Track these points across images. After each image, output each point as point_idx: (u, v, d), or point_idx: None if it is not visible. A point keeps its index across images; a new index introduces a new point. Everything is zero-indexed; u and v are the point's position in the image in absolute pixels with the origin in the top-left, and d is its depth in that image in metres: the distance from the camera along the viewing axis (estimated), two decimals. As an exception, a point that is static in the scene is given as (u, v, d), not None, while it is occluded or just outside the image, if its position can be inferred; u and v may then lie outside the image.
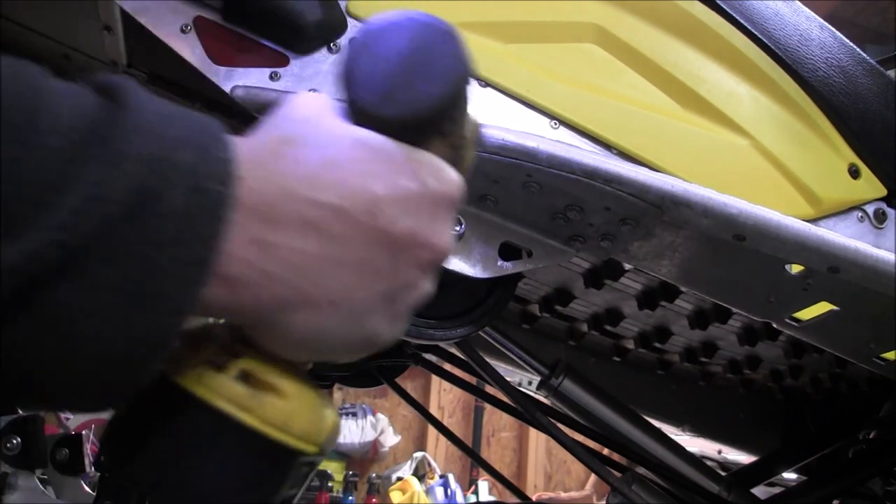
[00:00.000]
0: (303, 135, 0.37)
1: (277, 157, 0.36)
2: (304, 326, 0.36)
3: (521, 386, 1.32)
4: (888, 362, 0.92)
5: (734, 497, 1.06)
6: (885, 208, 0.83)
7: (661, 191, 0.68)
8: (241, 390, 0.37)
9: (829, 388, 1.27)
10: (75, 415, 1.59)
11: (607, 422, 1.05)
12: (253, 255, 0.34)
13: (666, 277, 0.80)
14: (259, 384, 0.38)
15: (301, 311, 0.36)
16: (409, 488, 3.88)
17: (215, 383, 0.37)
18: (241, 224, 0.34)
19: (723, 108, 0.76)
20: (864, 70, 0.85)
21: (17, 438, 1.08)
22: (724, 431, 1.37)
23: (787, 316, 0.85)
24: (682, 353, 1.22)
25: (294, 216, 0.35)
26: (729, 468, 1.51)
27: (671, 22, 0.76)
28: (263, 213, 0.34)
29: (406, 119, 0.39)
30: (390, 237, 0.37)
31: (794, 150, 0.79)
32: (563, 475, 4.61)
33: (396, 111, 0.39)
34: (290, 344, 0.38)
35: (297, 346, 0.38)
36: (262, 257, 0.34)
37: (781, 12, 0.82)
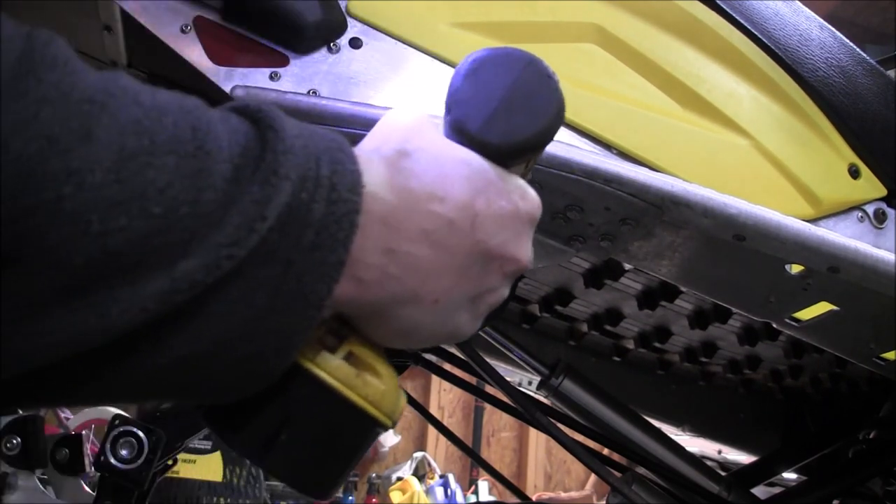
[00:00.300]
0: (416, 149, 0.42)
1: (398, 170, 0.41)
2: (408, 320, 0.42)
3: (521, 386, 1.32)
4: (888, 362, 0.92)
5: (734, 497, 1.06)
6: (885, 208, 0.83)
7: (660, 191, 0.68)
8: (349, 370, 0.42)
9: (829, 388, 1.27)
10: (75, 414, 1.61)
11: (607, 422, 1.05)
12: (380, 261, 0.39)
13: (666, 277, 0.80)
14: (361, 365, 0.43)
15: (409, 306, 0.41)
16: (409, 488, 3.88)
17: (328, 363, 0.42)
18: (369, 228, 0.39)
19: (723, 108, 0.76)
20: (864, 70, 0.85)
21: (17, 438, 1.08)
22: (724, 431, 1.37)
23: (787, 316, 0.85)
24: (682, 353, 1.22)
25: (415, 226, 0.40)
26: (729, 468, 1.51)
27: (671, 22, 0.76)
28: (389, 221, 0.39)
29: (505, 147, 0.44)
30: (485, 249, 0.43)
31: (794, 150, 0.79)
32: (563, 475, 4.61)
33: (498, 139, 0.43)
34: (391, 333, 0.43)
35: (396, 335, 0.43)
36: (388, 262, 0.40)
37: (781, 12, 0.82)
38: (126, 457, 0.91)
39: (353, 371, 0.42)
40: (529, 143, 0.44)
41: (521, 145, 0.44)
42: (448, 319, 0.43)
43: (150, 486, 0.95)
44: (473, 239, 0.42)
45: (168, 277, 0.31)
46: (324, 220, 0.36)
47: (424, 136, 0.43)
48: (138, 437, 0.92)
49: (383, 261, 0.39)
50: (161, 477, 1.04)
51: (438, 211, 0.41)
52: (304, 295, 0.36)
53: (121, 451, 0.92)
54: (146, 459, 0.92)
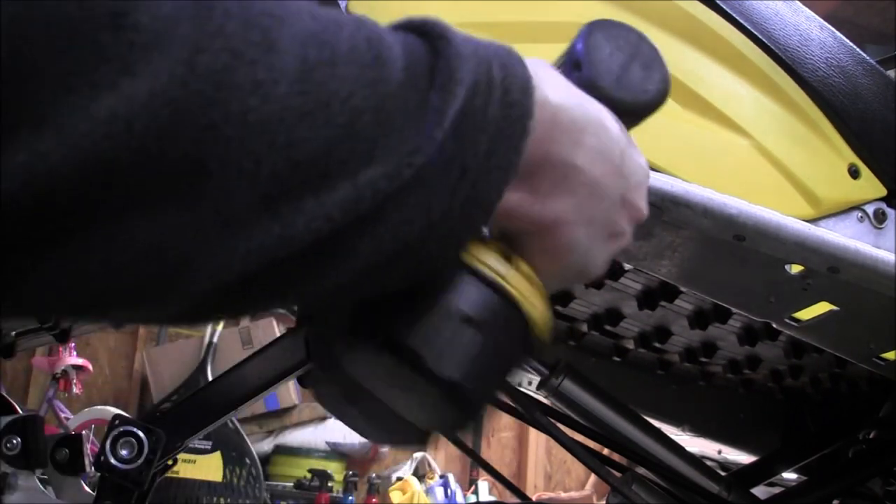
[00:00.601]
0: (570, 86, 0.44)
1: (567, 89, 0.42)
2: (566, 237, 0.43)
3: (521, 386, 1.32)
4: (888, 362, 0.93)
5: (734, 497, 1.06)
6: (885, 208, 0.83)
7: (660, 191, 0.68)
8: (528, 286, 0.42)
9: (829, 388, 1.27)
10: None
11: (607, 422, 1.05)
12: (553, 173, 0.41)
13: (666, 277, 0.80)
14: (533, 283, 0.43)
15: (569, 224, 0.42)
16: (409, 488, 3.88)
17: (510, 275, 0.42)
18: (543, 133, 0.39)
19: (723, 108, 0.76)
20: (864, 70, 0.85)
21: (17, 438, 1.08)
22: (724, 431, 1.37)
23: (787, 316, 0.85)
24: (682, 353, 1.22)
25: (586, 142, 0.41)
26: (729, 468, 1.51)
27: (671, 22, 0.76)
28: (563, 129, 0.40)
29: (633, 105, 0.47)
30: (626, 185, 0.45)
31: (794, 150, 0.79)
32: (563, 475, 4.61)
33: (628, 97, 0.46)
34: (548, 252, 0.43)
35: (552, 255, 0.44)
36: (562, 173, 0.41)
37: (781, 12, 0.82)
38: (126, 457, 0.91)
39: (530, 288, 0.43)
40: (654, 102, 0.48)
41: (647, 104, 0.47)
42: (593, 247, 0.44)
43: (150, 486, 0.95)
44: (621, 172, 0.44)
45: (352, 186, 0.31)
46: (498, 124, 0.36)
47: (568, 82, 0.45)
48: (138, 437, 0.92)
49: (559, 172, 0.41)
50: (161, 477, 1.04)
51: (602, 136, 0.42)
52: (479, 201, 0.36)
53: (121, 451, 0.92)
54: (146, 459, 0.92)
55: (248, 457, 3.47)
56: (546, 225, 0.42)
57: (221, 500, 3.39)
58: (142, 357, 3.88)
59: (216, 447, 3.41)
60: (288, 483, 3.86)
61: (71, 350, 3.41)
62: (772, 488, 1.35)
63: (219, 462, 3.41)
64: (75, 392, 3.41)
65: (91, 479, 1.52)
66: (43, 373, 3.56)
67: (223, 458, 3.42)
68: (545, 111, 0.39)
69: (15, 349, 1.22)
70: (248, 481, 3.45)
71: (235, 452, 3.44)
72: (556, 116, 0.40)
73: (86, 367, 3.46)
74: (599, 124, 0.43)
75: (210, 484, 3.38)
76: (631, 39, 0.48)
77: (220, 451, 3.42)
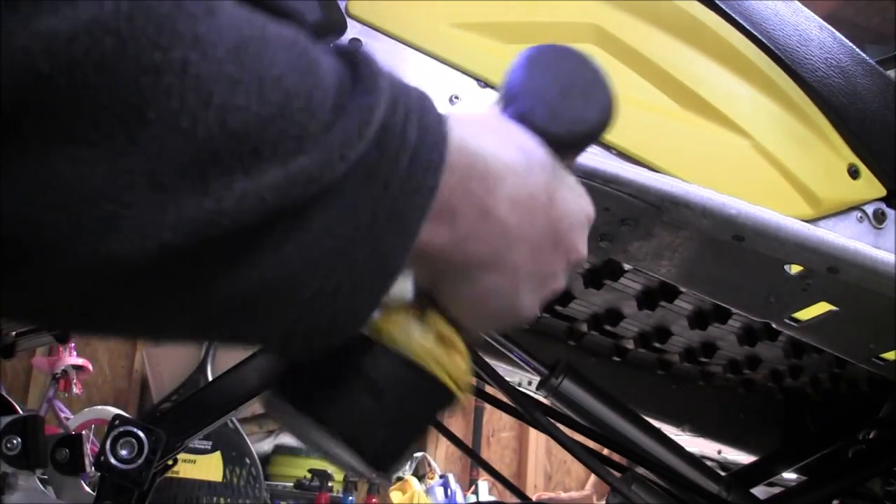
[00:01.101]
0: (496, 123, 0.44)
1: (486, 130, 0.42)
2: (487, 285, 0.42)
3: (521, 386, 1.32)
4: (888, 362, 0.93)
5: (734, 497, 1.06)
6: (885, 208, 0.83)
7: (660, 191, 0.68)
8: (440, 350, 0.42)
9: (829, 388, 1.27)
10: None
11: (607, 422, 1.05)
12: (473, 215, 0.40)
13: (665, 278, 0.80)
14: (447, 342, 0.43)
15: (491, 271, 0.42)
16: (409, 488, 3.88)
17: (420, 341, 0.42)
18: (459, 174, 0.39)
19: (722, 109, 0.76)
20: (864, 70, 0.85)
21: (17, 438, 1.09)
22: (724, 431, 1.37)
23: (787, 316, 0.85)
24: (681, 353, 1.22)
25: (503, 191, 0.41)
26: (729, 468, 1.51)
27: (671, 22, 0.76)
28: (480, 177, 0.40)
29: (569, 137, 0.45)
30: (557, 230, 0.44)
31: (794, 150, 0.79)
32: (563, 475, 4.61)
33: (564, 128, 0.45)
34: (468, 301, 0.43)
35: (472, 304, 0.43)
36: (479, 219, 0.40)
37: (781, 12, 0.82)
38: (126, 457, 0.91)
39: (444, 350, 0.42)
40: (593, 131, 0.46)
41: (584, 134, 0.46)
42: (519, 293, 0.44)
43: (150, 486, 0.95)
44: (550, 217, 0.43)
45: (283, 170, 0.31)
46: (418, 144, 0.36)
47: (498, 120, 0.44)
48: (138, 437, 0.92)
49: (475, 216, 0.40)
50: (161, 477, 1.04)
51: (521, 183, 0.41)
52: (399, 221, 0.36)
53: (121, 451, 0.92)
54: (146, 459, 0.92)
55: (248, 457, 3.47)
56: (465, 269, 0.41)
57: (221, 500, 3.39)
58: (142, 357, 3.88)
59: (216, 447, 3.41)
60: (288, 483, 3.86)
61: (71, 350, 3.41)
62: (772, 488, 1.35)
63: (219, 462, 3.41)
64: (75, 392, 3.41)
65: (91, 479, 1.52)
66: (43, 373, 3.56)
67: (223, 458, 3.42)
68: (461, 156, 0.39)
69: (15, 349, 1.22)
70: (248, 481, 3.45)
71: (235, 452, 3.44)
72: (472, 163, 0.40)
73: (86, 367, 3.46)
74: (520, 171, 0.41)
75: (210, 484, 3.38)
76: (569, 66, 0.46)
77: (220, 451, 3.41)
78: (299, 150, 0.32)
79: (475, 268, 0.41)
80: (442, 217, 0.38)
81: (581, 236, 0.46)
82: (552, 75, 0.45)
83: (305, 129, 0.32)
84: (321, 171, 0.32)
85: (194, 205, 0.29)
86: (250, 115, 0.30)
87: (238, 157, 0.30)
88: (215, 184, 0.30)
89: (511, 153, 0.42)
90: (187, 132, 0.29)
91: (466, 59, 0.67)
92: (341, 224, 0.34)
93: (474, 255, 0.41)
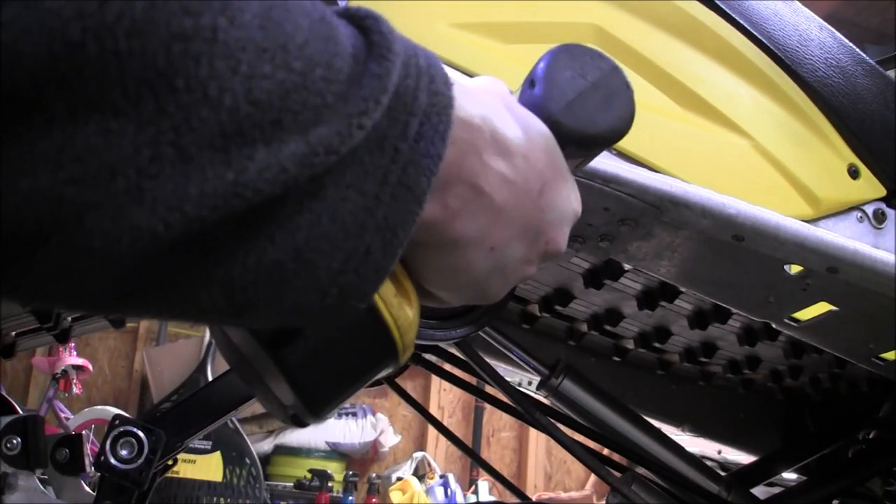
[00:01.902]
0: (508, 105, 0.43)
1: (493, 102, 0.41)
2: (462, 260, 0.42)
3: (521, 386, 1.32)
4: (887, 362, 0.93)
5: (734, 497, 1.06)
6: (885, 208, 0.83)
7: (659, 191, 0.68)
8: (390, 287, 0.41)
9: (828, 388, 1.27)
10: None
11: (607, 422, 1.05)
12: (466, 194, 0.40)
13: (665, 278, 0.80)
14: (400, 288, 0.42)
15: (470, 247, 0.41)
16: (409, 488, 3.88)
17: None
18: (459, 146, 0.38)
19: (722, 109, 0.76)
20: (864, 70, 0.85)
21: (17, 438, 1.09)
22: (724, 431, 1.37)
23: (787, 316, 0.85)
24: (682, 353, 1.22)
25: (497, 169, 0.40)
26: (729, 468, 1.51)
27: (671, 22, 0.76)
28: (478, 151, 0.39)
29: (578, 134, 0.45)
30: (541, 220, 0.43)
31: (794, 150, 0.79)
32: (563, 475, 4.61)
33: (574, 124, 0.45)
34: (440, 270, 0.43)
35: (442, 273, 0.43)
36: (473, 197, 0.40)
37: (781, 12, 0.82)
38: (126, 457, 0.92)
39: (393, 290, 0.41)
40: (601, 137, 0.46)
41: (593, 137, 0.45)
42: (492, 273, 0.43)
43: (150, 486, 0.95)
44: (538, 204, 0.43)
45: (304, 141, 0.31)
46: (427, 110, 0.36)
47: (511, 99, 0.44)
48: (138, 437, 0.92)
49: (467, 193, 0.40)
50: (161, 477, 1.04)
51: (518, 165, 0.41)
52: (409, 187, 0.35)
53: (121, 451, 0.92)
54: (146, 459, 0.92)
55: (248, 457, 3.47)
56: (447, 244, 0.41)
57: (221, 500, 3.39)
58: (142, 357, 3.88)
59: (216, 447, 3.41)
60: (288, 483, 3.86)
61: (71, 350, 3.41)
62: (772, 488, 1.35)
63: (219, 462, 3.42)
64: (75, 392, 3.41)
65: (91, 479, 1.52)
66: (43, 373, 3.57)
67: (223, 458, 3.42)
68: (463, 129, 0.39)
69: (15, 349, 1.22)
70: (248, 481, 3.45)
71: (235, 452, 3.45)
72: (472, 138, 0.39)
73: (86, 367, 3.46)
74: (519, 152, 0.41)
75: (210, 484, 3.38)
76: (601, 68, 0.46)
77: (220, 451, 3.42)
78: (319, 119, 0.31)
79: (458, 243, 0.41)
80: (435, 191, 0.38)
81: (563, 232, 0.46)
82: (580, 74, 0.45)
83: (325, 99, 0.31)
84: (341, 141, 0.32)
85: (217, 176, 0.29)
86: (275, 84, 0.30)
87: (260, 127, 0.30)
88: (238, 154, 0.29)
89: (515, 131, 0.42)
90: (214, 101, 0.28)
91: (466, 59, 0.67)
92: (355, 192, 0.34)
93: (459, 232, 0.41)
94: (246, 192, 0.30)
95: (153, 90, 0.27)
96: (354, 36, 0.34)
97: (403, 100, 0.35)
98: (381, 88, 0.33)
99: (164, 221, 0.28)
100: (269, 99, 0.29)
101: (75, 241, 0.28)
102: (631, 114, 0.46)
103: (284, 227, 0.32)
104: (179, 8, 0.27)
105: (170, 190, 0.28)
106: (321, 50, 0.31)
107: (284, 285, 0.34)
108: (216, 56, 0.28)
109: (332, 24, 0.33)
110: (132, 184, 0.27)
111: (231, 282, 0.32)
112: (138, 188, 0.28)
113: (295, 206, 0.32)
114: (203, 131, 0.28)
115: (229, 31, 0.28)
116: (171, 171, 0.28)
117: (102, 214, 0.27)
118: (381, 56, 0.34)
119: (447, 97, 0.37)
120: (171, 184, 0.28)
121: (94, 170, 0.27)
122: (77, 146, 0.26)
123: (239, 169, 0.29)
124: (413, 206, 0.36)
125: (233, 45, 0.28)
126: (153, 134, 0.27)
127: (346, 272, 0.35)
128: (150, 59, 0.26)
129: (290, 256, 0.33)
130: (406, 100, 0.35)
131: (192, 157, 0.28)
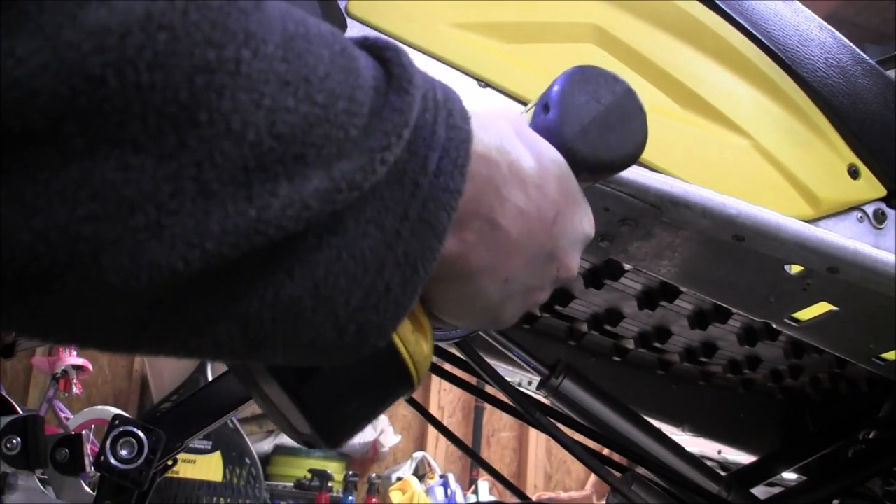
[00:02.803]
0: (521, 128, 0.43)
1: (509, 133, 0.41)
2: (476, 290, 0.42)
3: (521, 386, 1.32)
4: (888, 362, 0.93)
5: (734, 497, 1.06)
6: (885, 208, 0.83)
7: (659, 191, 0.68)
8: (408, 325, 0.41)
9: (828, 388, 1.27)
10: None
11: (607, 422, 1.05)
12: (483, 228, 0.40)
13: (665, 278, 0.80)
14: (416, 323, 0.42)
15: (484, 277, 0.41)
16: (409, 488, 3.88)
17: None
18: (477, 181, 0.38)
19: (722, 109, 0.76)
20: (864, 70, 0.85)
21: (17, 438, 1.09)
22: (724, 431, 1.37)
23: (787, 316, 0.85)
24: (682, 353, 1.22)
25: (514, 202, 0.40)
26: (729, 468, 1.51)
27: (670, 22, 0.76)
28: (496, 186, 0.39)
29: (592, 160, 0.45)
30: (554, 247, 0.44)
31: (794, 150, 0.79)
32: (563, 475, 4.61)
33: (587, 150, 0.44)
34: (453, 300, 0.43)
35: (456, 303, 0.43)
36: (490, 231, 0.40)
37: (781, 12, 0.82)
38: (126, 457, 0.92)
39: (411, 328, 0.41)
40: (615, 163, 0.46)
41: (606, 163, 0.45)
42: (505, 301, 0.44)
43: (150, 486, 0.95)
44: (551, 233, 0.43)
45: (327, 176, 0.30)
46: (446, 144, 0.35)
47: (523, 125, 0.44)
48: (138, 437, 0.92)
49: (483, 227, 0.40)
50: (161, 477, 1.04)
51: (533, 195, 0.41)
52: (429, 222, 0.35)
53: (121, 451, 0.92)
54: (146, 459, 0.92)
55: (248, 457, 3.47)
56: (461, 276, 0.41)
57: (221, 500, 3.39)
58: (142, 357, 3.88)
59: (216, 447, 3.41)
60: (288, 483, 3.86)
61: (71, 350, 3.41)
62: (772, 488, 1.35)
63: (219, 462, 3.41)
64: (75, 392, 3.40)
65: (91, 479, 1.52)
66: (43, 373, 3.56)
67: (223, 458, 3.42)
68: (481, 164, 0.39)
69: (15, 349, 1.22)
70: (248, 481, 3.44)
71: (235, 452, 3.44)
72: (490, 174, 0.39)
73: (86, 367, 3.46)
74: (537, 181, 0.41)
75: (210, 484, 3.38)
76: (615, 91, 0.46)
77: (220, 451, 3.41)
78: (342, 153, 0.31)
79: (472, 276, 0.41)
80: (453, 227, 0.38)
81: (575, 256, 0.46)
82: (594, 97, 0.45)
83: (348, 132, 0.31)
84: (364, 176, 0.31)
85: (239, 213, 0.28)
86: (298, 118, 0.29)
87: (283, 161, 0.29)
88: (260, 189, 0.28)
89: (528, 161, 0.41)
90: (238, 135, 0.27)
91: (466, 59, 0.67)
92: (375, 227, 0.33)
93: (474, 265, 0.41)
94: (268, 228, 0.29)
95: (175, 124, 0.26)
96: (375, 68, 0.34)
97: (423, 134, 0.34)
98: (403, 122, 0.33)
99: (183, 258, 0.27)
100: (292, 132, 0.29)
101: (91, 277, 0.27)
102: (644, 138, 0.46)
103: (303, 263, 0.31)
104: (202, 39, 0.26)
105: (190, 226, 0.27)
106: (343, 82, 0.31)
107: (302, 322, 0.33)
108: (239, 89, 0.27)
109: (353, 55, 0.33)
110: (152, 220, 0.27)
111: (248, 317, 0.32)
112: (158, 224, 0.27)
113: (315, 242, 0.31)
114: (226, 166, 0.28)
115: (252, 64, 0.28)
116: (191, 207, 0.27)
117: (120, 250, 0.27)
118: (401, 89, 0.34)
119: (465, 131, 0.37)
120: (192, 220, 0.27)
121: (113, 206, 0.26)
122: (95, 182, 0.26)
123: (261, 205, 0.28)
124: (434, 241, 0.35)
125: (256, 77, 0.28)
126: (175, 169, 0.27)
127: (364, 309, 0.34)
128: (172, 92, 0.26)
129: (308, 293, 0.32)
130: (425, 134, 0.35)
131: (215, 193, 0.28)
